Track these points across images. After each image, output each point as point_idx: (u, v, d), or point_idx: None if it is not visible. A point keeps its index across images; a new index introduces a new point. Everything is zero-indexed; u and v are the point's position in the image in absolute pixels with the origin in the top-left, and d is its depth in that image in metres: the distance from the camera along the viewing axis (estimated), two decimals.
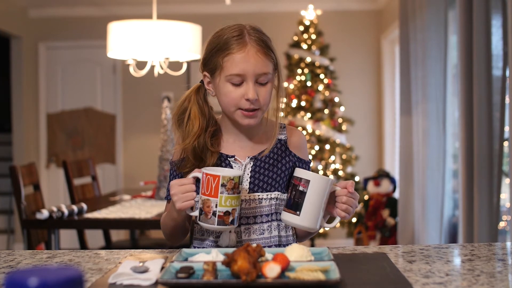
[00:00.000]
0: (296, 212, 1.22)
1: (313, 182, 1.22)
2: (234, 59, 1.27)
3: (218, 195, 1.18)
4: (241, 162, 1.36)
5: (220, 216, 1.19)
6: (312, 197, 1.22)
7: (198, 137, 1.33)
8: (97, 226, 2.90)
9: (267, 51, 1.29)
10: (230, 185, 1.18)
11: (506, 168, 2.77)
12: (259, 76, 1.28)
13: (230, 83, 1.28)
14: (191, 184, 1.22)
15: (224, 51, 1.28)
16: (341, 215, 1.26)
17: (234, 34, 1.28)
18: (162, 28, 3.20)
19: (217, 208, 1.18)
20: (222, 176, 1.18)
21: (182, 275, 0.96)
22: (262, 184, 1.35)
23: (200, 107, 1.36)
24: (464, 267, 1.09)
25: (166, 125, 3.23)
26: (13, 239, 5.68)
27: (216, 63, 1.29)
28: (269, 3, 5.48)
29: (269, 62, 1.30)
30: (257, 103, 1.29)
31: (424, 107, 3.71)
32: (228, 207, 1.19)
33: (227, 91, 1.29)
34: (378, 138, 5.51)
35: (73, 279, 0.61)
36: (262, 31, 1.33)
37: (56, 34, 5.71)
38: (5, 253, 1.30)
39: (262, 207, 1.34)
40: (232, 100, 1.29)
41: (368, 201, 4.62)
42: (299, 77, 4.95)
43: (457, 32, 3.13)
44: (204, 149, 1.34)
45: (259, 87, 1.29)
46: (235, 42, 1.27)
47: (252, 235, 1.34)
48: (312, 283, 0.93)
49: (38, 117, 5.72)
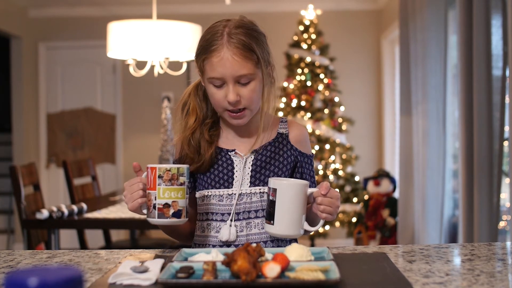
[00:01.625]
0: (270, 221, 1.22)
1: (280, 190, 1.21)
2: (211, 63, 1.27)
3: (156, 187, 1.18)
4: (241, 155, 1.37)
5: (160, 208, 1.18)
6: (282, 204, 1.21)
7: (194, 130, 1.36)
8: (97, 226, 2.90)
9: (246, 51, 1.26)
10: (167, 176, 1.17)
11: (506, 168, 2.77)
12: (239, 77, 1.27)
13: (213, 85, 1.30)
14: (138, 183, 1.23)
15: (203, 54, 1.29)
16: (322, 216, 1.25)
17: (210, 37, 1.28)
18: (162, 28, 3.20)
19: (156, 201, 1.18)
20: (159, 167, 1.18)
21: (182, 275, 0.96)
22: (263, 178, 1.36)
23: (198, 102, 1.39)
24: (464, 267, 1.09)
25: (166, 125, 3.23)
26: (13, 239, 5.68)
27: (200, 66, 1.32)
28: (269, 3, 5.48)
29: (247, 63, 1.27)
30: (239, 103, 1.29)
31: (424, 107, 3.71)
32: (167, 199, 1.18)
33: (211, 93, 1.31)
34: (378, 138, 5.51)
35: (73, 279, 0.61)
36: (250, 26, 1.30)
37: (56, 34, 5.71)
38: (5, 253, 1.30)
39: (263, 201, 1.35)
40: (217, 101, 1.31)
41: (368, 201, 4.62)
42: (299, 77, 4.95)
43: (457, 32, 3.13)
44: (200, 142, 1.36)
45: (241, 87, 1.29)
46: (211, 45, 1.27)
47: (253, 229, 1.34)
48: (312, 283, 0.93)
49: (38, 117, 5.72)
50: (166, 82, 5.30)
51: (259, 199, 1.35)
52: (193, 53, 3.72)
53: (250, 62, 1.27)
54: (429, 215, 3.69)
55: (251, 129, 1.39)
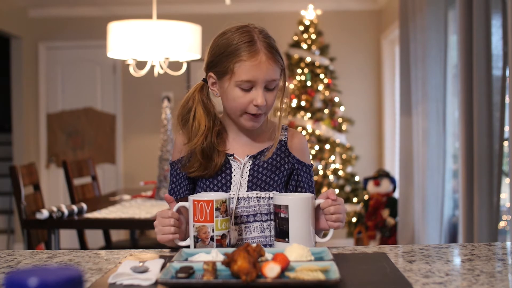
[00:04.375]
0: (285, 239, 1.22)
1: (292, 206, 1.21)
2: (246, 66, 1.27)
3: (214, 220, 1.20)
4: (240, 160, 1.37)
5: (218, 240, 1.20)
6: (295, 220, 1.21)
7: (206, 136, 1.34)
8: (97, 226, 2.90)
9: (277, 57, 1.30)
10: (224, 208, 1.21)
11: (506, 168, 2.77)
12: (269, 82, 1.30)
13: (240, 88, 1.29)
14: (171, 218, 1.25)
15: (235, 57, 1.28)
16: (334, 226, 1.26)
17: (245, 39, 1.28)
18: (162, 28, 3.20)
19: (215, 233, 1.20)
20: (215, 200, 1.20)
21: (182, 275, 0.96)
22: (260, 183, 1.36)
23: (205, 106, 1.37)
24: (464, 267, 1.09)
25: (166, 125, 3.22)
26: (13, 239, 5.68)
27: (227, 68, 1.29)
28: (269, 3, 5.48)
29: (278, 68, 1.31)
30: (264, 108, 1.31)
31: (424, 107, 3.71)
32: (224, 230, 1.21)
33: (236, 96, 1.30)
34: (378, 138, 5.51)
35: (73, 279, 0.61)
36: (269, 33, 1.34)
37: (56, 34, 5.71)
38: (5, 253, 1.30)
39: (261, 206, 1.35)
40: (240, 105, 1.30)
41: (368, 201, 4.62)
42: (299, 77, 4.95)
43: (457, 32, 3.13)
44: (212, 148, 1.35)
45: (266, 92, 1.31)
46: (247, 49, 1.27)
47: (253, 233, 1.35)
48: (312, 283, 0.92)
49: (38, 117, 5.72)
50: (166, 82, 5.30)
51: (257, 203, 1.35)
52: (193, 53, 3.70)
53: (279, 68, 1.32)
54: (429, 215, 3.69)
55: (252, 134, 1.40)
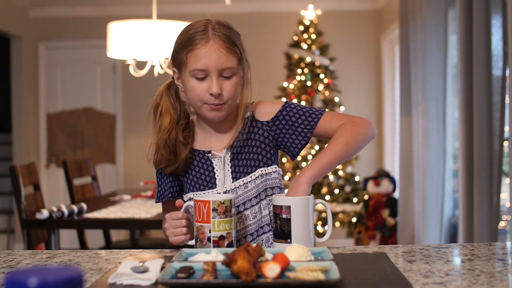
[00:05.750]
0: (287, 240, 1.21)
1: (294, 206, 1.21)
2: (197, 54, 1.29)
3: (211, 220, 1.20)
4: (219, 155, 1.37)
5: (215, 241, 1.20)
6: (297, 221, 1.21)
7: (170, 131, 1.37)
8: (97, 226, 2.90)
9: (231, 46, 1.30)
10: (221, 209, 1.20)
11: (506, 168, 2.77)
12: (223, 70, 1.30)
13: (195, 77, 1.31)
14: (181, 220, 1.26)
15: (188, 46, 1.30)
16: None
17: (198, 29, 1.31)
18: (162, 28, 3.20)
19: (211, 234, 1.20)
20: (213, 200, 1.20)
21: (182, 275, 0.96)
22: (244, 168, 1.37)
23: (171, 102, 1.39)
24: (464, 267, 1.09)
25: None
26: (13, 239, 5.68)
27: (182, 59, 1.32)
28: (269, 3, 5.48)
29: (232, 57, 1.31)
30: (221, 97, 1.31)
31: (424, 107, 3.71)
32: (222, 231, 1.20)
33: (192, 86, 1.32)
34: (378, 138, 5.51)
35: (73, 279, 0.61)
36: (229, 25, 1.35)
37: (56, 34, 5.71)
38: (5, 253, 1.30)
39: (248, 191, 1.36)
40: (197, 94, 1.31)
41: (368, 201, 4.62)
42: (299, 77, 4.95)
43: (457, 32, 3.13)
44: (176, 143, 1.37)
45: (223, 81, 1.31)
46: (199, 37, 1.29)
47: (246, 222, 1.36)
48: (312, 283, 0.92)
49: (38, 117, 5.72)
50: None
51: (244, 190, 1.36)
52: None
53: (234, 56, 1.31)
54: (429, 215, 3.69)
55: (224, 129, 1.40)
